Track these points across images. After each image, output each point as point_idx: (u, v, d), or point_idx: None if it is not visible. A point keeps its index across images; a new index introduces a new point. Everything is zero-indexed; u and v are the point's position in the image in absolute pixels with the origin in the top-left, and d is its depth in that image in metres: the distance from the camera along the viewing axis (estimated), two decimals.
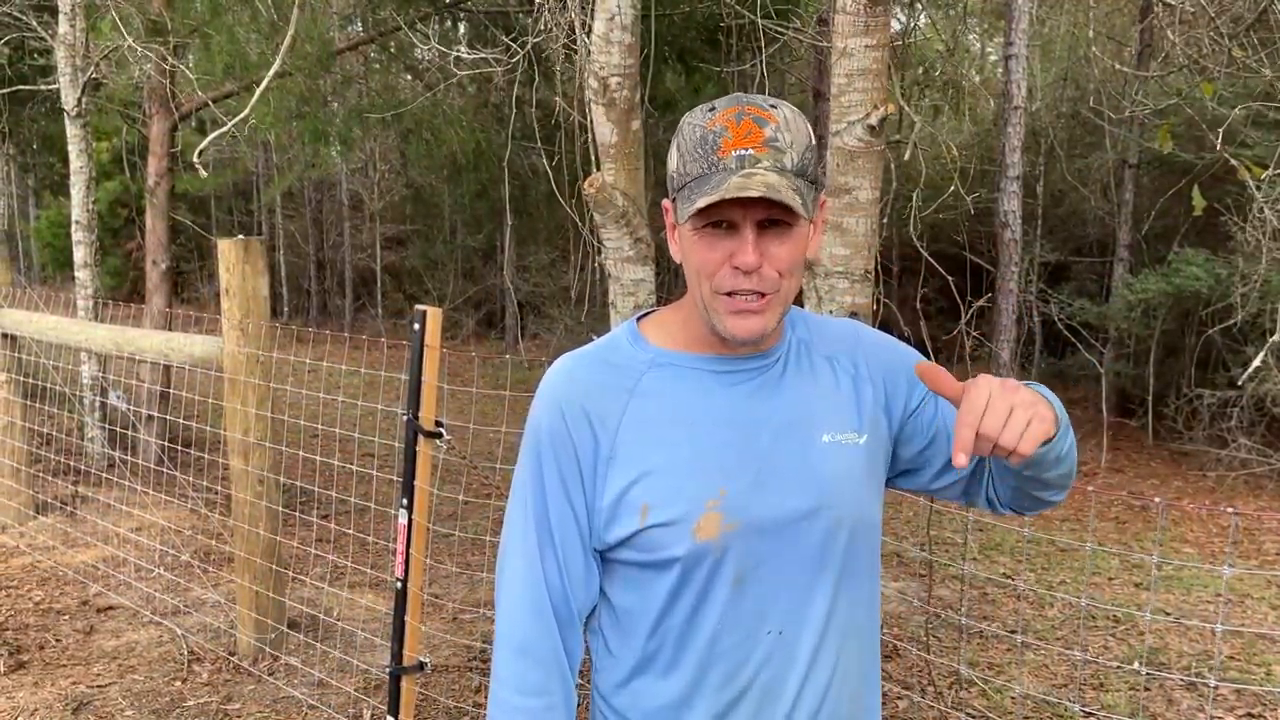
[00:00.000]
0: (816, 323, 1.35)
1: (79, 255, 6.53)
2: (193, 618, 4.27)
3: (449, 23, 9.81)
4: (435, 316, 2.77)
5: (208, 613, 4.32)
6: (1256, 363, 3.37)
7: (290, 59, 3.49)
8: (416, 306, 2.78)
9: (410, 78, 9.09)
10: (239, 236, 3.75)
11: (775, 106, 1.15)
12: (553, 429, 1.23)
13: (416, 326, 2.75)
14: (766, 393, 1.24)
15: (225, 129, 3.53)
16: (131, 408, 6.80)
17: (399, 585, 2.83)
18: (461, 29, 10.13)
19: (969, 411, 1.03)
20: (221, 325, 3.81)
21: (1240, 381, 4.87)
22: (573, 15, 3.42)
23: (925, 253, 3.95)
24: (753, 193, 1.08)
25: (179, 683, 3.70)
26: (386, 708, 2.95)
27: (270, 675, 3.76)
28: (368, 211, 15.76)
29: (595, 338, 1.35)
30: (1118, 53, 10.75)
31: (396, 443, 2.98)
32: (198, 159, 3.49)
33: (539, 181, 7.73)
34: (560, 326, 12.35)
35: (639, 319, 1.31)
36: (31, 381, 5.49)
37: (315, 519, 5.32)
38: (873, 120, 2.49)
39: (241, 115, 3.43)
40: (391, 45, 8.02)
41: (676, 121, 1.21)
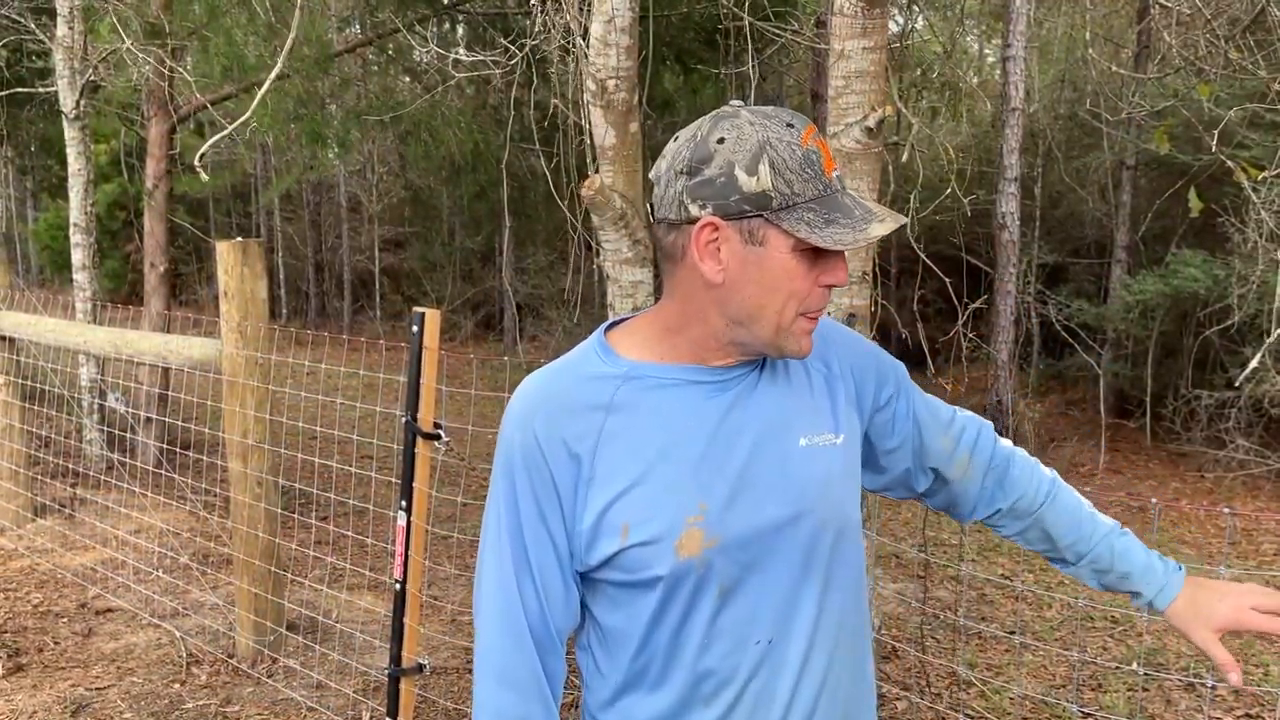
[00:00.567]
0: None
1: (77, 257, 6.53)
2: (191, 620, 4.27)
3: (447, 25, 9.83)
4: (434, 318, 2.77)
5: (206, 615, 4.32)
6: (1254, 364, 3.37)
7: (289, 61, 3.48)
8: (415, 308, 2.78)
9: (408, 80, 9.10)
10: (237, 239, 3.75)
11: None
12: (526, 451, 1.19)
13: (415, 328, 2.75)
14: (744, 401, 1.22)
15: (226, 132, 3.53)
16: (130, 410, 6.79)
17: (398, 587, 2.83)
18: (460, 31, 10.15)
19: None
20: (220, 327, 3.81)
21: (1238, 382, 4.88)
22: (570, 17, 3.43)
23: (923, 254, 3.96)
24: (900, 221, 1.13)
25: (178, 685, 3.70)
26: (385, 709, 2.95)
27: (269, 677, 3.76)
28: (366, 213, 15.76)
29: None
30: (1115, 54, 10.78)
31: (395, 444, 2.98)
32: (199, 162, 3.49)
33: (537, 183, 7.74)
34: (559, 328, 12.36)
35: (606, 329, 1.28)
36: (30, 384, 5.49)
37: (314, 521, 5.33)
38: (870, 122, 2.50)
39: (243, 119, 3.43)
40: (390, 47, 8.03)
41: (675, 123, 1.21)
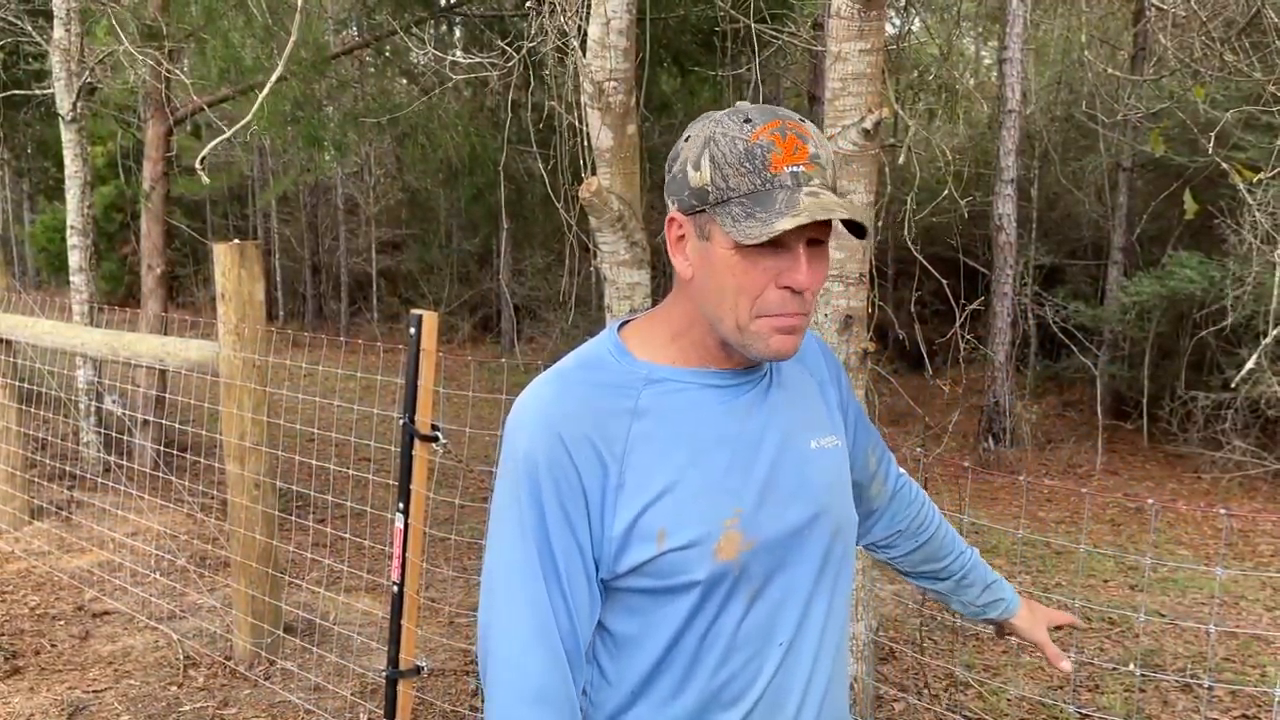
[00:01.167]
0: None
1: (74, 260, 6.53)
2: (189, 622, 4.27)
3: (444, 27, 9.83)
4: (431, 320, 2.77)
5: (204, 617, 4.31)
6: (1250, 365, 3.38)
7: (286, 63, 3.49)
8: (412, 310, 2.78)
9: (406, 82, 9.10)
10: (235, 241, 3.75)
11: (805, 121, 1.13)
12: (551, 456, 1.13)
13: (413, 330, 2.75)
14: (759, 405, 1.22)
15: (226, 135, 3.53)
16: (127, 412, 6.79)
17: (395, 589, 2.83)
18: (457, 33, 10.16)
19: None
20: (217, 329, 3.81)
21: (1234, 384, 4.89)
22: (567, 20, 3.43)
23: (920, 256, 3.96)
24: (840, 214, 1.06)
25: (175, 688, 3.70)
26: (383, 712, 2.95)
27: (266, 680, 3.75)
28: (363, 215, 15.76)
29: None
30: (1111, 56, 10.80)
31: (393, 446, 2.98)
32: (199, 165, 3.49)
33: (535, 185, 7.74)
34: (556, 330, 12.36)
35: (619, 328, 1.25)
36: (27, 386, 5.48)
37: (312, 523, 5.32)
38: (867, 124, 2.50)
39: (243, 122, 3.43)
40: (387, 49, 8.03)
41: (673, 125, 1.21)
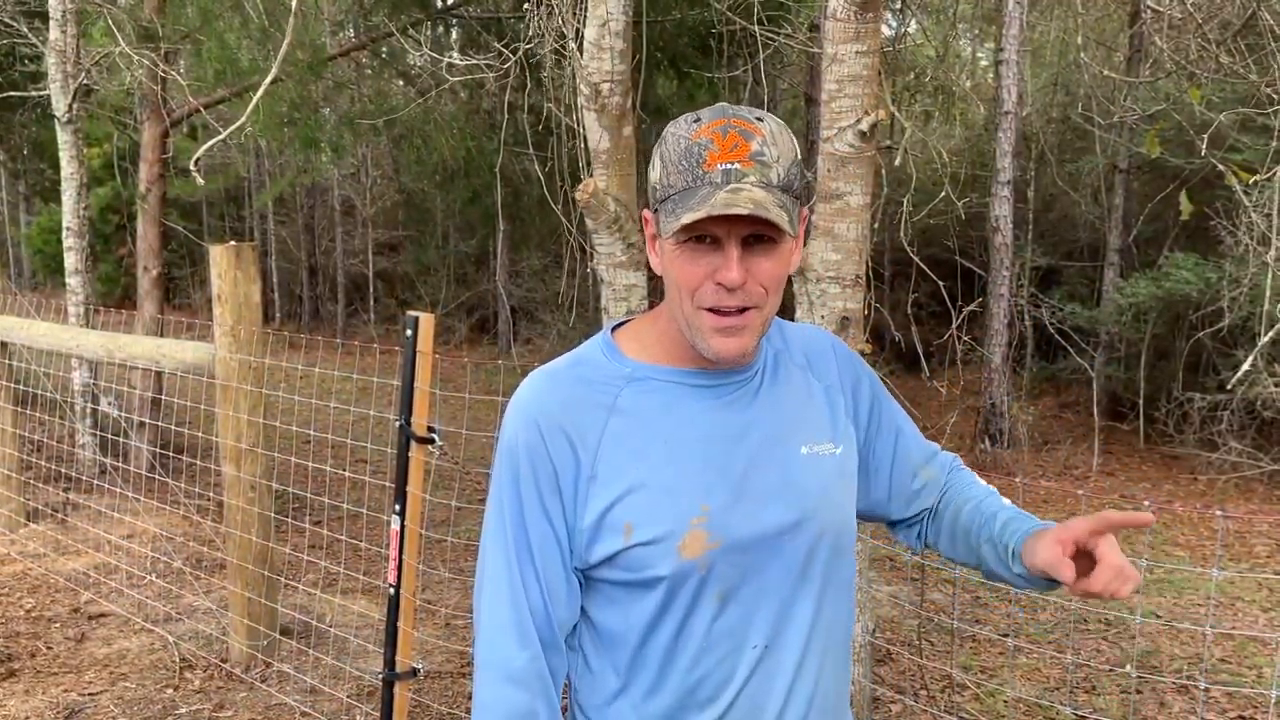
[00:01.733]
0: (789, 331, 1.34)
1: (70, 261, 6.52)
2: (185, 625, 4.26)
3: (441, 29, 9.82)
4: (428, 322, 2.77)
5: (200, 619, 4.30)
6: (1245, 366, 3.39)
7: (282, 65, 3.48)
8: (409, 312, 2.78)
9: (402, 84, 9.10)
10: (231, 242, 3.75)
11: (762, 119, 1.13)
12: (530, 446, 1.19)
13: (409, 332, 2.75)
14: (744, 406, 1.23)
15: (221, 137, 3.53)
16: (123, 414, 6.78)
17: (392, 591, 2.82)
18: (454, 35, 10.15)
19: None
20: (214, 331, 3.80)
21: (1230, 385, 4.90)
22: (564, 21, 3.43)
23: (917, 258, 3.96)
24: (740, 210, 1.06)
25: (171, 690, 3.69)
26: (379, 714, 2.95)
27: (263, 682, 3.75)
28: (360, 217, 15.74)
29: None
30: (1107, 58, 10.81)
31: (389, 448, 2.97)
32: (194, 167, 3.48)
33: (531, 187, 7.73)
34: (553, 331, 12.36)
35: (613, 329, 1.29)
36: (23, 388, 5.48)
37: (308, 525, 5.31)
38: (864, 126, 2.50)
39: (238, 124, 3.42)
40: (383, 51, 8.03)
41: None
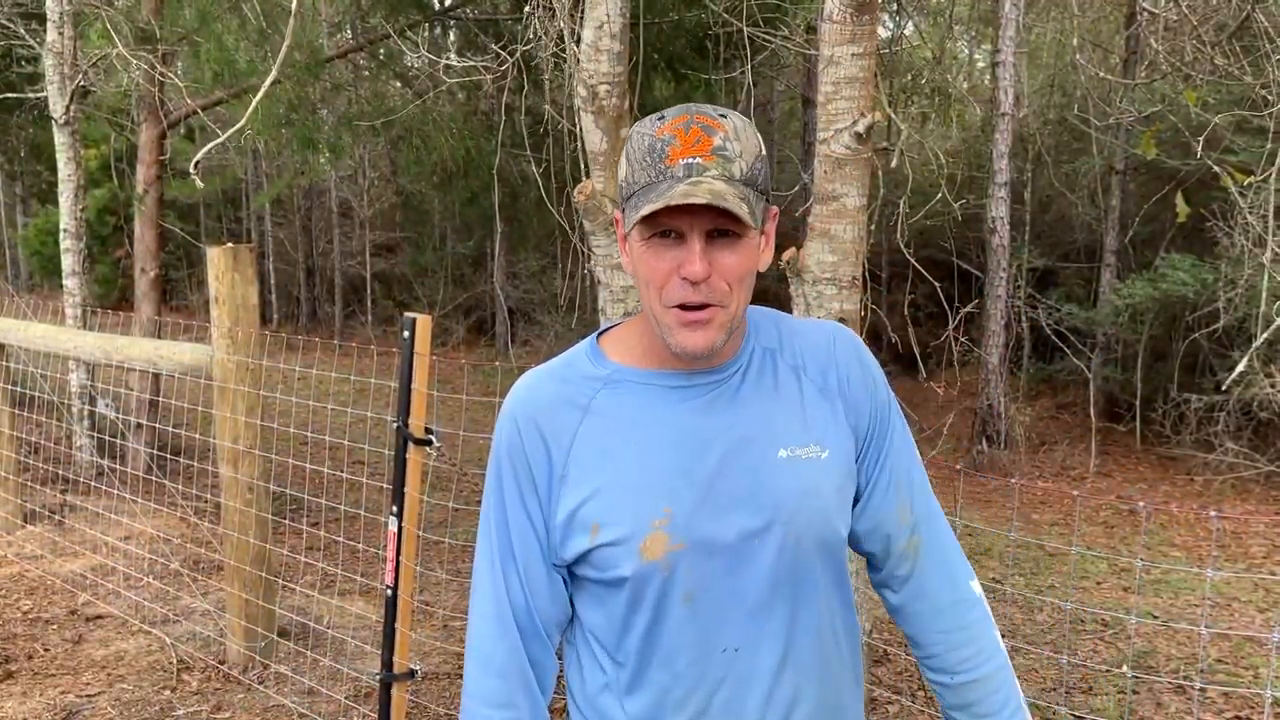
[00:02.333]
0: (791, 328, 1.30)
1: (67, 263, 6.51)
2: (182, 626, 4.26)
3: (438, 30, 9.83)
4: (425, 323, 2.77)
5: (197, 621, 4.30)
6: (1241, 367, 3.40)
7: (280, 66, 3.49)
8: (406, 313, 2.78)
9: (400, 85, 9.09)
10: (228, 244, 3.75)
11: (725, 116, 1.14)
12: (510, 443, 1.24)
13: (406, 333, 2.75)
14: (720, 408, 1.22)
15: (221, 139, 3.53)
16: (120, 416, 6.77)
17: (389, 592, 2.83)
18: (451, 36, 10.15)
19: None
20: (211, 333, 3.80)
21: (1225, 386, 4.91)
22: (562, 23, 3.44)
23: (914, 259, 3.97)
24: (698, 199, 1.06)
25: (168, 692, 3.69)
26: (377, 716, 2.95)
27: (260, 683, 3.75)
28: (357, 218, 15.74)
29: None
30: (1104, 60, 10.84)
31: (387, 450, 2.98)
32: (193, 169, 3.49)
33: (529, 189, 7.73)
34: (551, 333, 12.36)
35: (601, 333, 1.31)
36: (20, 390, 5.47)
37: (305, 526, 5.31)
38: (860, 128, 2.51)
39: (238, 126, 3.42)
40: (381, 52, 8.02)
41: None
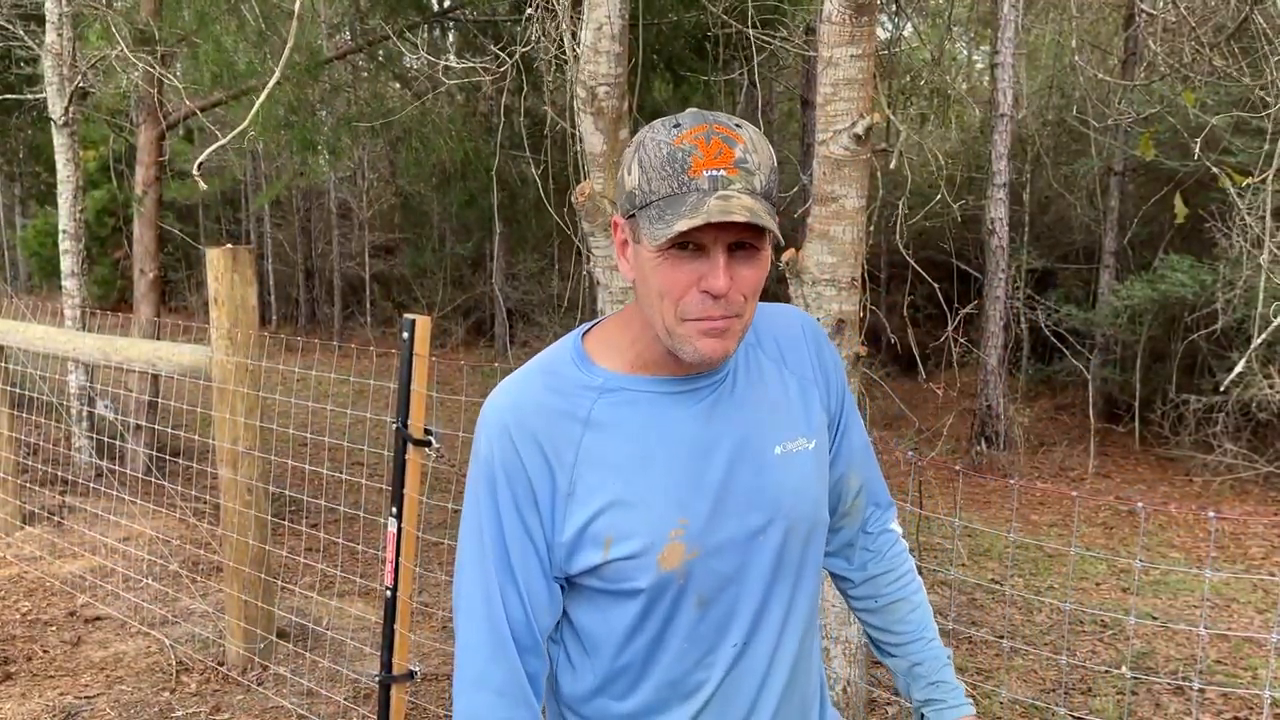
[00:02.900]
0: (760, 317, 1.32)
1: (66, 264, 6.51)
2: (181, 628, 4.26)
3: (438, 31, 9.83)
4: (424, 324, 2.77)
5: (196, 622, 4.30)
6: (1240, 368, 3.40)
7: (282, 68, 3.49)
8: (405, 315, 2.78)
9: (399, 86, 9.10)
10: (227, 245, 3.75)
11: (740, 126, 1.14)
12: (505, 458, 1.19)
13: (405, 335, 2.75)
14: (719, 411, 1.23)
15: (223, 141, 3.52)
16: (119, 417, 6.77)
17: (388, 594, 2.83)
18: (450, 38, 10.16)
19: None
20: (210, 334, 3.80)
21: (1224, 386, 4.91)
22: (562, 25, 3.44)
23: (912, 260, 3.98)
24: (738, 217, 1.06)
25: (167, 693, 3.69)
26: (376, 717, 2.95)
27: (259, 685, 3.75)
28: (356, 220, 15.74)
29: None
30: (1102, 61, 10.85)
31: (386, 451, 2.98)
32: (195, 171, 3.48)
33: (528, 190, 7.74)
34: (550, 334, 12.36)
35: (584, 334, 1.28)
36: (19, 391, 5.47)
37: (305, 528, 5.31)
38: (859, 129, 2.51)
39: (241, 127, 3.42)
40: (380, 54, 8.03)
41: None
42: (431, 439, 2.78)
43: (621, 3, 2.97)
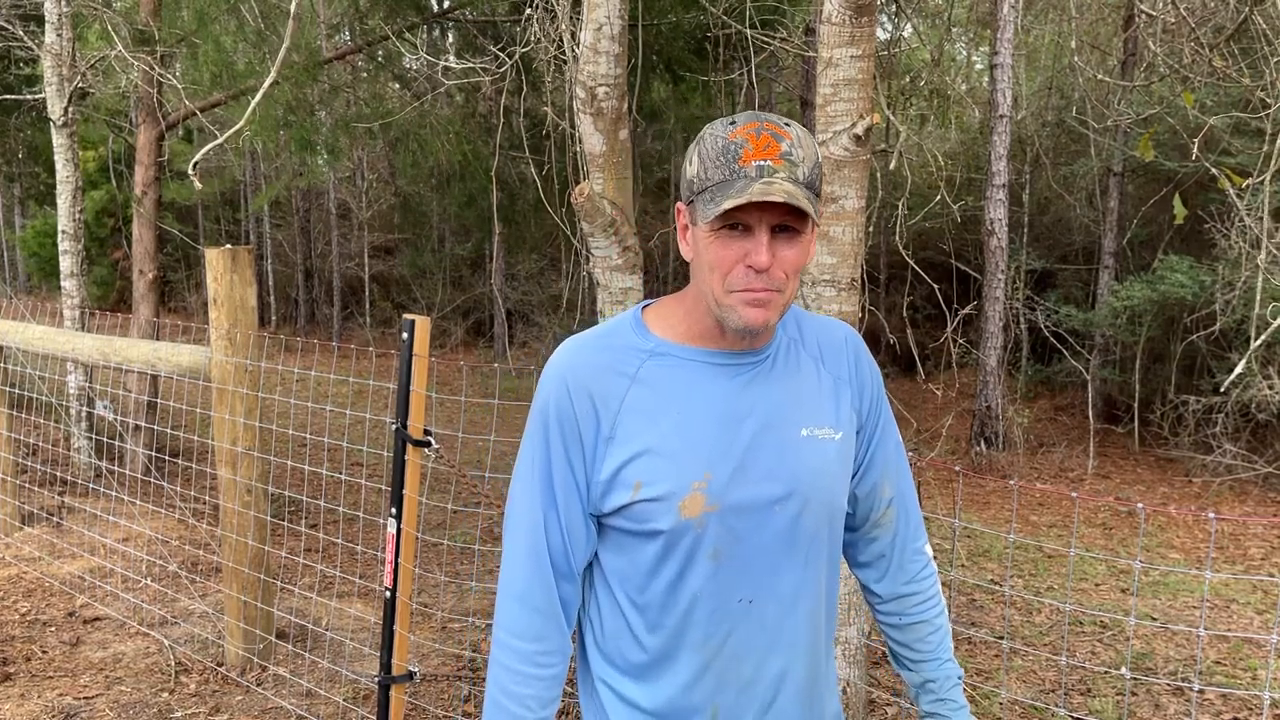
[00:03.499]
0: (809, 322, 1.47)
1: (65, 265, 6.51)
2: (180, 628, 4.26)
3: (437, 32, 9.83)
4: (423, 325, 2.77)
5: (195, 623, 4.30)
6: (1239, 369, 3.40)
7: (279, 69, 3.49)
8: (405, 315, 2.78)
9: (398, 87, 9.10)
10: (227, 246, 3.75)
11: (789, 125, 1.28)
12: (559, 405, 1.35)
13: (405, 335, 2.75)
14: (755, 387, 1.36)
15: (220, 140, 3.53)
16: (118, 418, 6.77)
17: (388, 594, 2.82)
18: (450, 38, 10.16)
19: None
20: (209, 334, 3.80)
21: (1223, 387, 4.92)
22: (561, 25, 3.44)
23: (912, 261, 3.98)
24: (775, 198, 1.20)
25: (166, 694, 3.69)
26: (375, 718, 2.94)
27: (258, 685, 3.74)
28: (356, 220, 15.75)
29: None
30: (1102, 62, 10.85)
31: (385, 451, 2.98)
32: (192, 172, 3.49)
33: (527, 190, 7.74)
34: (549, 334, 12.37)
35: (644, 308, 1.44)
36: (18, 392, 5.47)
37: (304, 528, 5.31)
38: (859, 130, 2.51)
39: (237, 127, 3.42)
40: (379, 54, 8.03)
41: (665, 130, 1.26)
42: (431, 439, 2.78)
43: (621, 3, 2.97)
